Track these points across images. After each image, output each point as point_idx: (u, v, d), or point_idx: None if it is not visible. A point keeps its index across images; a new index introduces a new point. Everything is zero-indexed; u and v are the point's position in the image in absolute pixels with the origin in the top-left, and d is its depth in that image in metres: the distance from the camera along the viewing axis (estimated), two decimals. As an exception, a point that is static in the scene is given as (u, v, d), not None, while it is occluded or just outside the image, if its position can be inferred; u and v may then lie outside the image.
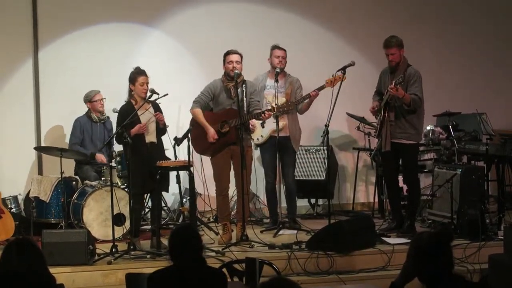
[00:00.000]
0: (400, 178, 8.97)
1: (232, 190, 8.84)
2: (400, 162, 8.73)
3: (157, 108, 8.38)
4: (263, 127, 8.71)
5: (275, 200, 9.13)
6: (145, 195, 8.84)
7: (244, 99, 8.35)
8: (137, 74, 8.24)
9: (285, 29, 10.55)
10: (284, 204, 9.21)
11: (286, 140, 8.98)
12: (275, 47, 9.09)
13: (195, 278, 4.58)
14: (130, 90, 8.28)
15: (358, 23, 10.85)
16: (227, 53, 8.48)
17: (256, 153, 9.25)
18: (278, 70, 8.87)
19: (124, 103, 8.34)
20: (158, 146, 8.40)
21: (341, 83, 8.60)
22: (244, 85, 8.40)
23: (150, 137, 8.30)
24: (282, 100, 8.81)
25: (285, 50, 9.06)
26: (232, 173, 8.59)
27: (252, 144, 8.85)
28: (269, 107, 8.55)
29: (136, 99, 8.24)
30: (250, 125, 8.43)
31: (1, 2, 9.74)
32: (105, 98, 9.43)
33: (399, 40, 8.46)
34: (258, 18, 10.56)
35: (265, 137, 8.97)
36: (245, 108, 8.35)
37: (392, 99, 8.38)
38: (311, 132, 10.06)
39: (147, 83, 8.23)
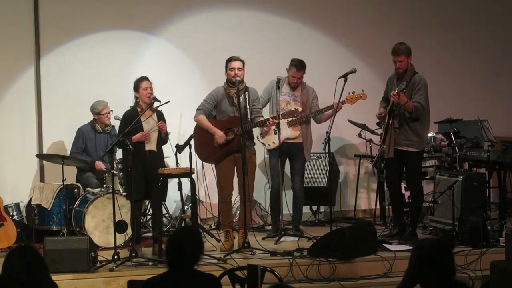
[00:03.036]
0: (403, 185, 8.98)
1: (235, 197, 8.84)
2: (404, 170, 8.74)
3: (160, 117, 8.40)
4: (275, 133, 8.72)
5: (278, 207, 9.12)
6: (146, 202, 8.87)
7: (247, 106, 8.36)
8: (140, 81, 8.31)
9: (288, 37, 10.58)
10: (286, 210, 9.21)
11: (299, 147, 8.98)
12: (294, 65, 8.97)
13: (188, 284, 4.59)
14: (136, 98, 8.31)
15: (360, 31, 10.86)
16: (229, 60, 8.49)
17: (263, 157, 9.24)
18: (279, 77, 8.89)
19: (129, 108, 8.36)
20: (157, 155, 8.41)
21: (343, 85, 8.58)
22: (246, 92, 8.40)
23: (150, 146, 8.31)
24: (299, 109, 8.81)
25: (304, 70, 9.01)
26: (235, 180, 8.60)
27: (260, 148, 8.84)
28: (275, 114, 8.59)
29: (141, 106, 8.27)
30: (264, 129, 8.49)
31: (2, 9, 9.76)
32: (112, 111, 9.42)
33: (407, 48, 8.44)
34: (260, 26, 10.57)
35: (277, 143, 8.91)
36: (248, 115, 8.37)
37: (397, 106, 8.39)
38: (313, 139, 10.06)
39: (151, 87, 8.28)
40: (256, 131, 8.87)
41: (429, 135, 9.68)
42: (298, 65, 8.97)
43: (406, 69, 8.44)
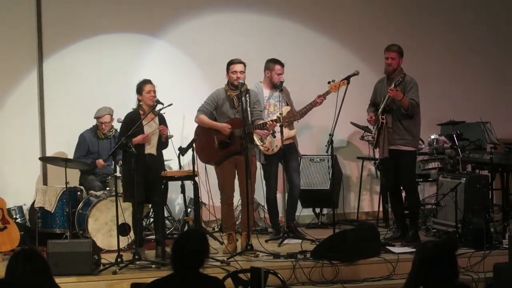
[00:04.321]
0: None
1: (237, 199, 8.84)
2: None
3: (162, 121, 8.40)
4: (274, 136, 8.73)
5: (276, 211, 9.15)
6: (148, 205, 8.87)
7: (248, 108, 8.36)
8: (143, 83, 8.30)
9: (289, 39, 10.59)
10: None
11: (292, 146, 9.04)
12: (276, 62, 9.05)
13: (193, 286, 4.60)
14: (139, 101, 8.31)
15: (362, 32, 10.87)
16: (231, 63, 8.49)
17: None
18: (282, 80, 8.93)
19: (131, 110, 8.36)
20: (157, 158, 8.39)
21: (346, 88, 8.62)
22: (247, 94, 8.41)
23: (150, 149, 8.30)
24: (286, 108, 8.85)
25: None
26: (236, 182, 8.60)
27: (257, 153, 8.87)
28: (274, 117, 8.58)
29: (144, 109, 8.27)
30: (263, 134, 8.52)
31: (5, 12, 9.78)
32: (113, 118, 9.37)
33: (400, 48, 8.54)
34: (262, 28, 10.58)
35: (279, 146, 8.92)
36: (249, 118, 8.37)
37: (390, 104, 8.41)
38: (316, 142, 10.07)
39: (154, 91, 8.28)
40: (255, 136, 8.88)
41: (432, 137, 9.69)
42: (280, 62, 9.07)
43: (396, 69, 8.49)
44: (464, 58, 11.30)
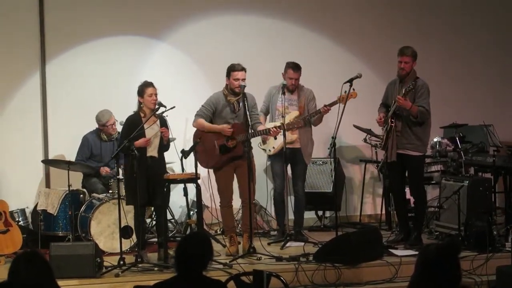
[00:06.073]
0: (407, 189, 8.96)
1: (236, 202, 8.82)
2: (406, 174, 8.73)
3: (163, 124, 8.39)
4: (275, 138, 8.73)
5: (283, 210, 9.11)
6: (151, 208, 8.87)
7: (247, 112, 8.35)
8: (145, 86, 8.28)
9: (290, 40, 10.60)
10: (291, 216, 9.21)
11: (297, 152, 9.00)
12: (290, 66, 9.01)
13: None
14: (139, 103, 8.30)
15: (365, 35, 10.86)
16: (234, 69, 8.41)
17: (266, 163, 9.25)
18: (284, 82, 8.90)
19: (133, 112, 8.35)
20: (159, 161, 8.38)
21: (349, 90, 8.61)
22: (245, 98, 8.38)
23: (152, 151, 8.29)
24: (295, 113, 8.83)
25: (300, 71, 9.06)
26: (235, 184, 8.61)
27: (263, 153, 8.86)
28: (278, 122, 8.58)
29: (145, 112, 8.26)
30: (265, 137, 8.54)
31: (8, 15, 9.79)
32: (117, 120, 9.36)
33: (414, 51, 8.48)
34: (264, 31, 10.58)
35: (277, 148, 8.94)
36: (249, 122, 8.37)
37: (400, 109, 8.39)
38: (318, 145, 10.04)
39: (156, 94, 8.27)
40: (256, 138, 8.87)
41: (435, 140, 9.68)
42: (294, 66, 9.01)
43: (409, 72, 8.46)
44: (464, 59, 11.30)
